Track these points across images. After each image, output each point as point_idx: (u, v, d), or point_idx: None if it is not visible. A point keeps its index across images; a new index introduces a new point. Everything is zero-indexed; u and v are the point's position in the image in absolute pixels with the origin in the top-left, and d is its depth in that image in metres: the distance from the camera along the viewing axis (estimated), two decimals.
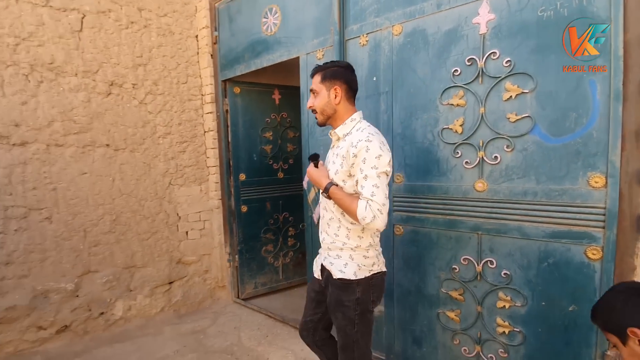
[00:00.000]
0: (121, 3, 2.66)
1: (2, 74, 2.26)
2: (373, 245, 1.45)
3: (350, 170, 1.36)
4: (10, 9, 2.28)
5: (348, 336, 1.44)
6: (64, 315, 2.48)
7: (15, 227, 2.30)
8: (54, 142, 2.42)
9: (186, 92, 3.04)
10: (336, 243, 1.44)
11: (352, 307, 1.40)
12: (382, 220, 1.27)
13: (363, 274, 1.42)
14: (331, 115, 1.46)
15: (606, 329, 0.96)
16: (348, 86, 1.45)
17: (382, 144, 1.35)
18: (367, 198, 1.27)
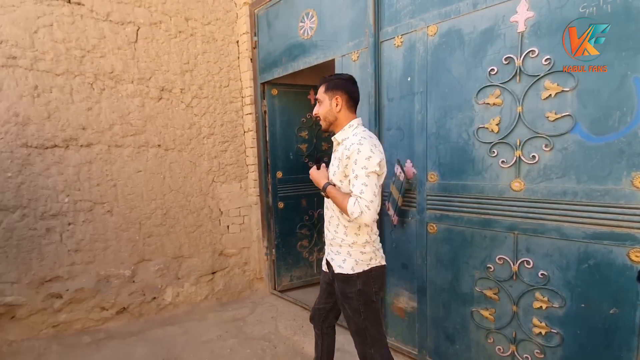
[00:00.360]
0: (170, 14, 2.89)
1: (71, 83, 2.55)
2: (370, 242, 1.54)
3: (345, 171, 1.47)
4: (77, 24, 2.56)
5: (357, 324, 1.55)
6: (123, 299, 2.77)
7: (83, 219, 2.60)
8: (114, 143, 2.69)
9: (228, 94, 3.24)
10: (336, 239, 1.56)
11: (355, 298, 1.52)
12: (369, 215, 1.36)
13: (361, 268, 1.52)
14: (332, 121, 1.59)
15: None
16: (349, 96, 1.57)
17: (373, 146, 1.45)
18: (356, 195, 1.38)
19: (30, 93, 2.41)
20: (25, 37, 2.39)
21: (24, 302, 2.45)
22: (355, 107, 1.62)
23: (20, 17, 2.37)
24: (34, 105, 2.42)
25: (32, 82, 2.41)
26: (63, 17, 2.49)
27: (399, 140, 2.17)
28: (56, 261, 2.53)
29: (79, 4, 2.54)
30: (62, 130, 2.51)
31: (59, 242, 2.54)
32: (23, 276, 2.44)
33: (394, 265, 2.27)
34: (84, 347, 2.49)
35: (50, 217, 2.50)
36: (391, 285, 2.30)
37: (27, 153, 2.42)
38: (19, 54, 2.37)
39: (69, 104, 2.53)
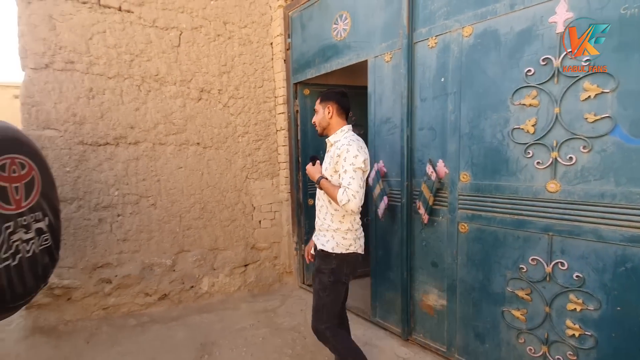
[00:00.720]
0: (210, 19, 3.04)
1: (121, 85, 2.76)
2: (352, 230, 1.80)
3: (335, 167, 1.74)
4: (126, 31, 2.76)
5: (320, 299, 1.79)
6: (164, 286, 2.97)
7: (130, 211, 2.81)
8: (158, 141, 2.89)
9: (262, 95, 3.37)
10: (324, 225, 1.83)
11: (327, 274, 1.78)
12: (355, 203, 1.63)
13: (340, 250, 1.77)
14: (326, 127, 1.87)
15: None
16: (339, 105, 1.84)
17: (360, 147, 1.71)
18: (345, 186, 1.65)
19: (86, 95, 2.63)
20: (82, 43, 2.61)
21: (79, 285, 2.69)
22: (345, 115, 1.89)
23: (77, 24, 2.59)
24: (89, 106, 2.64)
25: (88, 84, 2.63)
26: (115, 24, 2.69)
27: (431, 140, 2.20)
28: (107, 249, 2.76)
29: (129, 11, 2.74)
30: (113, 129, 2.72)
31: (109, 231, 2.76)
32: (78, 262, 2.67)
33: (423, 263, 2.31)
34: (130, 329, 2.70)
35: (102, 208, 2.73)
36: (420, 283, 2.34)
37: (83, 150, 2.64)
38: (76, 59, 2.60)
39: (119, 105, 2.74)
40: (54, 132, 2.55)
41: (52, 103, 2.53)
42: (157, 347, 2.48)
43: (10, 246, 1.33)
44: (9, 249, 1.33)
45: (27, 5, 2.46)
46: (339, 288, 1.81)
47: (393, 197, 2.44)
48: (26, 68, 2.48)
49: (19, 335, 2.54)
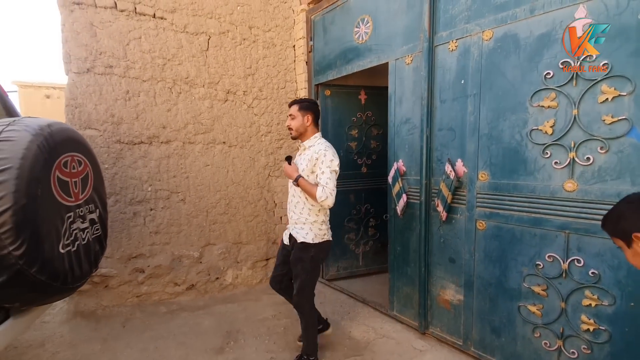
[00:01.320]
0: (236, 24, 3.19)
1: (154, 87, 2.94)
2: (325, 222, 2.13)
3: (313, 168, 2.02)
4: (160, 36, 2.94)
5: (303, 282, 2.11)
6: (192, 277, 3.15)
7: (162, 206, 3.00)
8: (187, 140, 3.06)
9: (284, 95, 3.50)
10: (300, 219, 2.10)
11: (308, 261, 2.08)
12: (331, 200, 1.94)
13: (318, 240, 2.08)
14: (302, 132, 2.13)
15: (614, 234, 1.08)
16: (315, 115, 2.14)
17: (334, 153, 2.03)
18: (323, 185, 1.94)
19: (123, 97, 2.82)
20: (120, 49, 2.80)
21: (115, 274, 2.89)
22: (318, 123, 2.20)
23: (115, 31, 2.78)
24: (126, 107, 2.83)
25: (125, 87, 2.82)
26: (149, 30, 2.87)
27: (450, 140, 2.28)
28: (140, 241, 2.95)
29: (162, 18, 2.91)
30: (147, 129, 2.91)
31: (143, 224, 2.95)
32: (115, 252, 2.88)
33: (441, 259, 2.39)
34: (161, 316, 2.89)
35: (137, 203, 2.92)
36: (437, 278, 2.42)
37: (120, 148, 2.84)
38: (114, 64, 2.79)
39: (152, 106, 2.92)
40: (95, 131, 2.75)
41: (93, 105, 2.73)
42: (186, 332, 2.65)
43: (71, 234, 1.50)
44: (70, 236, 1.49)
45: (70, 13, 2.67)
46: (317, 270, 2.18)
47: (412, 195, 2.53)
48: (70, 72, 2.69)
49: (62, 318, 2.76)
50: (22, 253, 1.24)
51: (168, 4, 2.92)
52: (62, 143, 1.48)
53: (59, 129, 1.48)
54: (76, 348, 2.40)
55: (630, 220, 1.01)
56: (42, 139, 1.36)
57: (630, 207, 1.03)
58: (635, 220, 1.00)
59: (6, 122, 1.35)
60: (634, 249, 1.01)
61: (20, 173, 1.25)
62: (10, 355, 2.28)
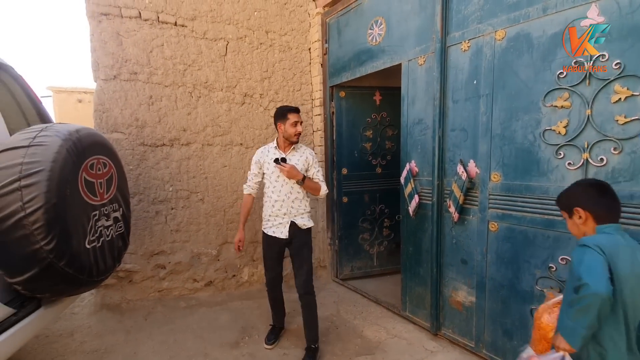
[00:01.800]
0: (253, 29, 3.29)
1: (176, 92, 3.08)
2: (311, 211, 2.47)
3: (307, 167, 2.37)
4: (181, 43, 3.07)
5: (309, 263, 2.38)
6: (210, 274, 3.27)
7: (182, 205, 3.13)
8: (206, 142, 3.18)
9: (299, 97, 3.57)
10: (299, 210, 2.37)
11: (310, 244, 2.42)
12: (326, 192, 2.40)
13: (310, 225, 2.41)
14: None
15: (562, 208, 1.40)
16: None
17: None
18: (322, 181, 2.39)
19: (147, 102, 2.98)
20: (143, 56, 2.95)
21: (139, 269, 3.04)
22: None
23: (139, 39, 2.94)
24: (149, 111, 2.98)
25: (148, 92, 2.98)
26: (171, 37, 3.01)
27: (462, 140, 2.27)
28: (162, 238, 3.10)
29: (183, 25, 3.05)
30: (169, 132, 3.05)
31: (164, 223, 3.10)
32: (138, 249, 3.03)
33: (453, 260, 2.38)
34: (180, 310, 3.02)
35: (159, 202, 3.06)
36: (449, 279, 2.42)
37: (144, 150, 2.99)
38: (138, 70, 2.94)
39: (174, 110, 3.06)
40: (120, 134, 2.91)
41: (119, 109, 2.90)
42: (204, 327, 2.76)
43: (96, 231, 1.62)
44: (95, 233, 1.61)
45: (98, 24, 2.84)
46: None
47: (424, 195, 2.53)
48: (98, 79, 2.86)
49: (90, 310, 2.94)
50: (52, 248, 1.36)
51: (188, 12, 3.05)
52: (89, 147, 1.60)
53: (86, 134, 1.60)
54: (102, 338, 2.56)
55: (575, 197, 1.33)
56: (71, 144, 1.48)
57: (578, 188, 1.36)
58: (578, 198, 1.32)
59: (39, 128, 1.48)
60: (573, 220, 1.34)
61: (51, 175, 1.37)
62: (42, 343, 2.46)
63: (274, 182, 2.35)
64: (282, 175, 2.30)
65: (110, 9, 2.81)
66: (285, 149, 2.37)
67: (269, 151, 2.40)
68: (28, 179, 1.33)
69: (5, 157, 1.38)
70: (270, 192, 2.36)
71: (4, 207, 1.31)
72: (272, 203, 2.35)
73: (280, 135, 2.36)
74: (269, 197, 2.37)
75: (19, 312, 1.49)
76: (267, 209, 2.40)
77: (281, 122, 2.32)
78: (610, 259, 1.16)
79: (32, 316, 1.52)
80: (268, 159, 2.36)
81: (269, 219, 2.39)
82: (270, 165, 2.34)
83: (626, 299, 1.17)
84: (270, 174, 2.36)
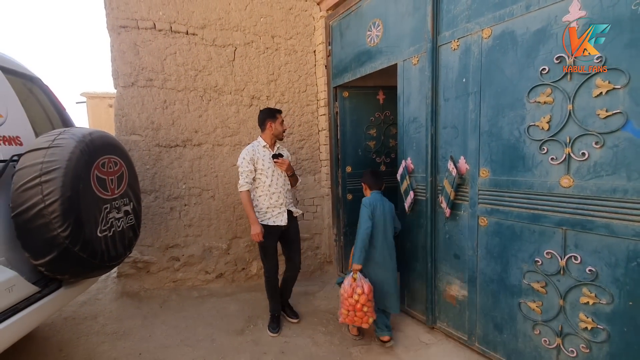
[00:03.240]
0: (260, 34, 3.46)
1: (188, 96, 3.30)
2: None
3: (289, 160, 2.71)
4: (192, 51, 3.29)
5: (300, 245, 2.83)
6: (220, 266, 3.47)
7: (194, 202, 3.35)
8: (216, 143, 3.38)
9: (305, 98, 3.70)
10: (291, 199, 2.72)
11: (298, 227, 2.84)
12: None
13: (300, 212, 2.80)
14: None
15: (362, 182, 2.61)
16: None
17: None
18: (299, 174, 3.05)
19: (161, 106, 3.22)
20: (158, 64, 3.19)
21: (155, 260, 3.29)
22: None
23: (154, 49, 3.18)
24: (164, 115, 3.22)
25: (162, 97, 3.21)
26: (183, 45, 3.24)
27: (453, 137, 2.31)
28: (176, 232, 3.33)
29: (194, 34, 3.26)
30: (182, 134, 3.27)
31: (178, 218, 3.33)
32: (155, 242, 3.28)
33: (447, 255, 2.42)
34: (193, 300, 3.23)
35: (173, 199, 3.30)
36: (443, 274, 2.46)
37: (159, 151, 3.23)
38: (154, 77, 3.19)
39: (186, 113, 3.28)
40: (138, 137, 3.17)
41: (137, 114, 3.15)
42: (214, 315, 2.96)
43: (108, 222, 1.83)
44: (106, 223, 1.82)
45: (117, 35, 3.10)
46: None
47: (419, 192, 2.59)
48: (117, 86, 3.13)
49: (112, 297, 3.22)
50: (68, 234, 1.57)
51: (198, 21, 3.26)
52: (101, 148, 1.81)
53: (98, 136, 1.82)
54: (121, 322, 2.80)
55: (364, 177, 2.56)
56: (84, 145, 1.69)
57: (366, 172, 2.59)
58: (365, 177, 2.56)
59: (58, 132, 1.71)
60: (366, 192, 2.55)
61: (66, 172, 1.58)
62: (69, 324, 2.74)
63: (270, 177, 2.55)
64: (277, 170, 2.53)
65: (128, 21, 3.07)
66: (272, 147, 2.64)
67: (259, 149, 2.60)
68: (47, 176, 1.55)
69: (29, 157, 1.60)
70: (267, 185, 2.55)
71: (28, 199, 1.54)
72: (270, 195, 2.56)
73: (270, 133, 2.58)
74: (266, 191, 2.56)
75: (43, 291, 1.72)
76: (264, 201, 2.58)
77: (272, 121, 2.55)
78: (373, 209, 2.40)
79: (53, 295, 1.75)
80: (261, 156, 2.56)
81: (267, 211, 2.57)
82: (265, 161, 2.54)
83: (379, 225, 2.41)
84: (266, 169, 2.54)
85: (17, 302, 1.60)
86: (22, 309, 1.59)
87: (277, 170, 2.59)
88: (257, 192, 2.60)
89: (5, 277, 1.55)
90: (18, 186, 1.55)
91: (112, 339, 2.58)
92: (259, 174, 2.58)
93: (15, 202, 1.55)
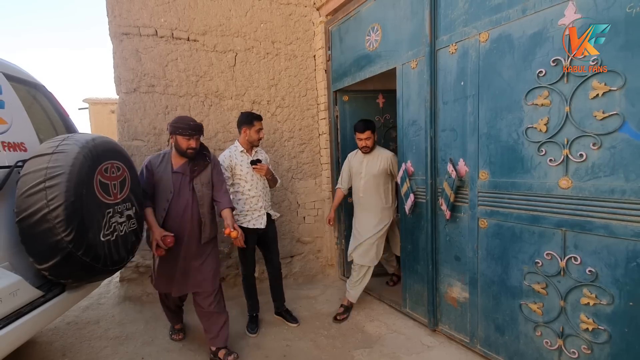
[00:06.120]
0: (260, 40, 3.50)
1: (189, 102, 3.33)
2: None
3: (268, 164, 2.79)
4: (193, 56, 3.32)
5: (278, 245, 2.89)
6: (222, 270, 3.48)
7: None
8: (217, 147, 3.41)
9: (305, 103, 3.73)
10: (269, 203, 2.80)
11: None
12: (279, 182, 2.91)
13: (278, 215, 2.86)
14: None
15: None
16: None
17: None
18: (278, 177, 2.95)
19: (163, 111, 3.25)
20: (160, 70, 3.23)
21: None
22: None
23: (156, 55, 3.21)
24: (165, 120, 3.25)
25: (164, 103, 3.25)
26: (184, 52, 3.27)
27: (452, 140, 2.33)
28: None
29: (195, 40, 3.30)
30: None
31: None
32: None
33: (447, 257, 2.43)
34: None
35: None
36: (445, 276, 2.47)
37: None
38: (155, 83, 3.22)
39: None
40: (140, 142, 3.20)
41: (139, 119, 3.18)
42: None
43: (110, 226, 1.85)
44: (109, 228, 1.84)
45: (119, 42, 3.14)
46: None
47: (419, 194, 2.60)
48: (120, 93, 3.16)
49: (114, 301, 3.23)
50: (72, 239, 1.59)
51: (199, 27, 3.30)
52: (103, 153, 1.83)
53: (101, 142, 1.84)
54: (124, 326, 2.81)
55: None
56: (87, 151, 1.71)
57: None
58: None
59: (62, 138, 1.73)
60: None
61: (70, 177, 1.60)
62: (72, 329, 2.75)
63: (249, 181, 2.63)
64: (256, 174, 2.61)
65: (130, 29, 3.11)
66: (250, 151, 2.70)
67: (236, 155, 2.64)
68: (51, 181, 1.57)
69: (34, 163, 1.63)
70: (247, 190, 2.62)
71: (32, 204, 1.56)
72: (250, 199, 2.63)
73: (244, 139, 2.64)
74: (245, 194, 2.63)
75: (46, 295, 1.74)
76: (242, 205, 2.64)
77: (247, 128, 2.61)
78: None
79: (57, 299, 1.77)
80: (239, 162, 2.62)
81: (246, 213, 2.64)
82: (244, 166, 2.61)
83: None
84: (245, 175, 2.61)
85: (21, 306, 1.61)
86: (26, 313, 1.61)
87: (256, 175, 2.65)
88: (237, 196, 2.64)
89: (10, 281, 1.57)
90: (22, 191, 1.58)
91: (114, 343, 2.59)
92: (237, 179, 2.63)
93: (20, 207, 1.57)
